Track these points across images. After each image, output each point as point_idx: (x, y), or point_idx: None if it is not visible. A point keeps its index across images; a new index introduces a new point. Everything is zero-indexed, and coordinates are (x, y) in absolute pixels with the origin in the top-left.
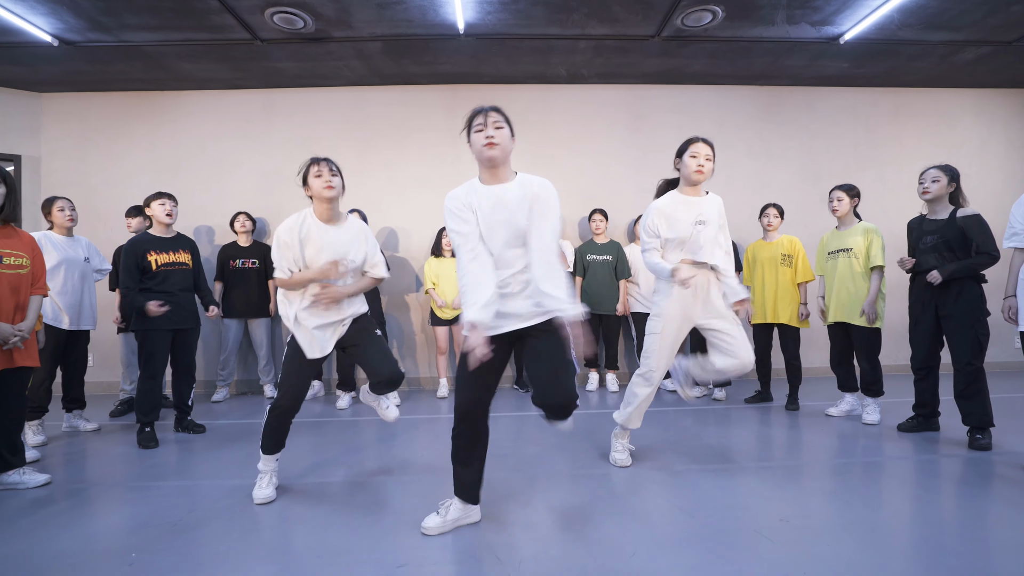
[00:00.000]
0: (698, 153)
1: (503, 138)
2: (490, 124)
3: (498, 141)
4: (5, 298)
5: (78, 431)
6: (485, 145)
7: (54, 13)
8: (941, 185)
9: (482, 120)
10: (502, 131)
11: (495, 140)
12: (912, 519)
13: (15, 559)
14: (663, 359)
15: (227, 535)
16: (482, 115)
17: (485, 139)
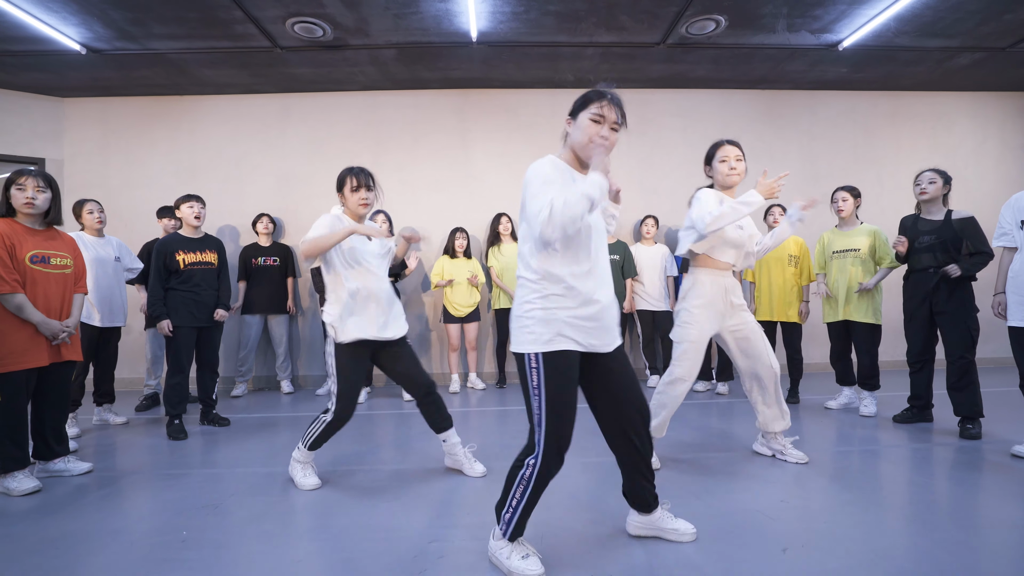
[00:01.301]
0: (728, 156)
1: (614, 143)
2: (610, 122)
3: (610, 144)
4: (53, 296)
5: (108, 424)
6: (597, 143)
7: (85, 24)
8: (937, 187)
9: (604, 113)
10: (615, 135)
11: (607, 143)
12: (905, 500)
13: (76, 536)
14: (697, 365)
15: (267, 516)
16: (605, 104)
17: (600, 137)
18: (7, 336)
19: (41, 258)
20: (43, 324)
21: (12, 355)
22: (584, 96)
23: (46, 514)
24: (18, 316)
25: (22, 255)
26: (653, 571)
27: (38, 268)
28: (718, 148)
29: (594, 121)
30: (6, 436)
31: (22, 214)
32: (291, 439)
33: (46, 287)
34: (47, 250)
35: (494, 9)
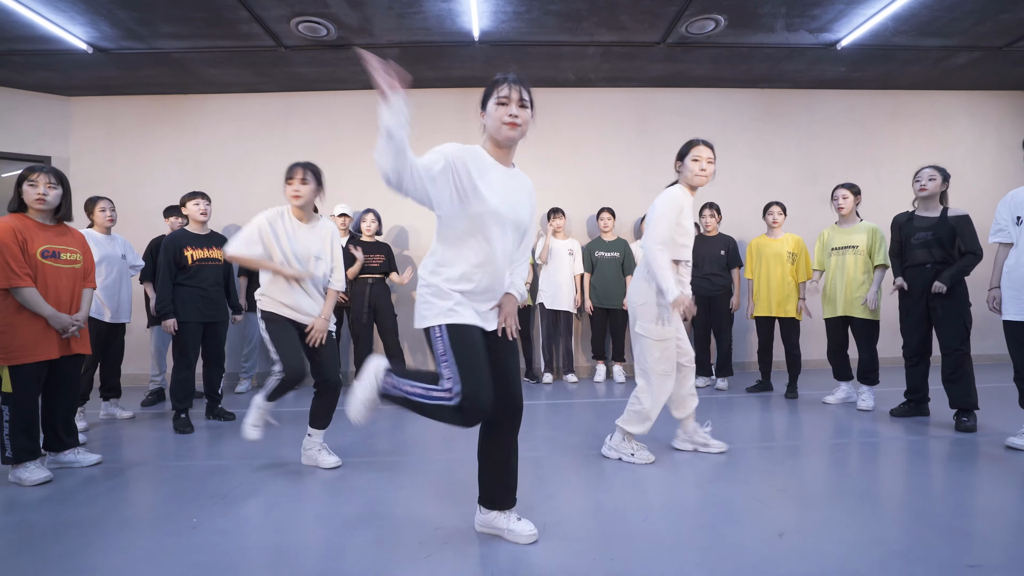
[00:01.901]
0: (700, 156)
1: (526, 119)
2: (516, 100)
3: (520, 122)
4: (64, 291)
5: (115, 418)
6: (507, 123)
7: (92, 23)
8: (936, 184)
9: (508, 93)
10: (526, 111)
11: (518, 120)
12: (900, 489)
13: (87, 523)
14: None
15: (274, 505)
16: (510, 86)
17: (508, 116)
18: (19, 329)
19: (52, 253)
20: (53, 317)
21: (24, 348)
22: (487, 87)
23: (57, 503)
24: (29, 309)
25: (33, 250)
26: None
27: (49, 263)
28: (692, 147)
29: (500, 104)
30: (18, 428)
31: (33, 210)
32: (295, 433)
33: (56, 281)
34: (57, 245)
35: (496, 9)
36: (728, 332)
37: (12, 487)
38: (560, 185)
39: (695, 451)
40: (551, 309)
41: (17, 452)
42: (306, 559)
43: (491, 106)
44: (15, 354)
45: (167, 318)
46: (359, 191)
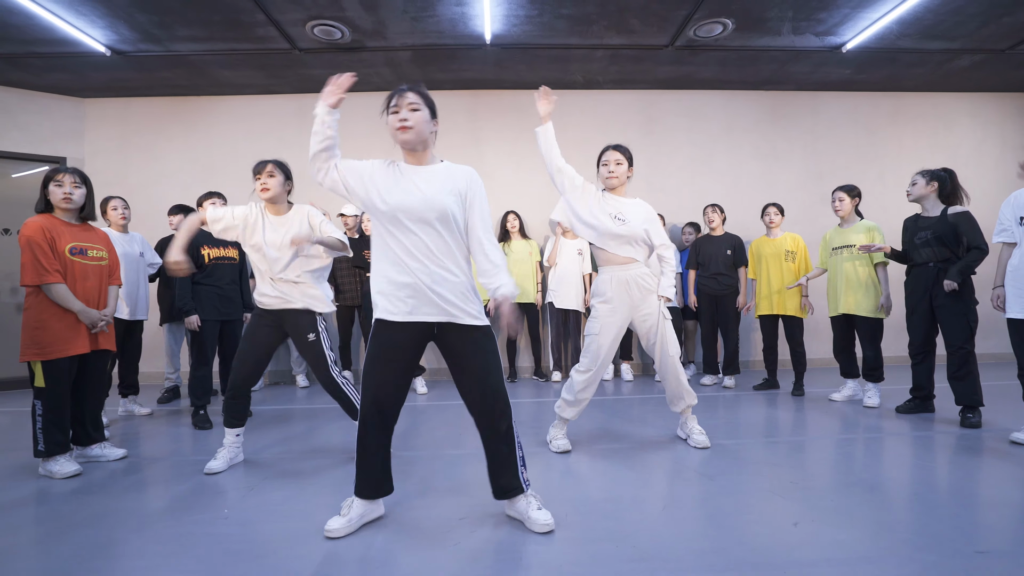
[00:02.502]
0: (608, 160)
1: (418, 120)
2: (404, 106)
3: (411, 124)
4: (91, 287)
5: (133, 415)
6: (398, 128)
7: (111, 26)
8: (919, 187)
9: (397, 101)
10: (417, 113)
11: (408, 123)
12: (908, 481)
13: (121, 514)
14: (600, 357)
15: (303, 495)
16: (397, 96)
17: (399, 122)
18: (51, 325)
19: (79, 250)
20: (83, 313)
21: (57, 343)
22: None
23: (88, 495)
24: (60, 305)
25: (62, 247)
26: (675, 538)
27: (77, 260)
28: (602, 153)
29: (392, 113)
30: (50, 422)
31: (60, 209)
32: (309, 430)
33: (84, 278)
34: (84, 243)
35: (508, 12)
36: (735, 331)
37: (43, 479)
38: None
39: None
40: (560, 308)
41: (49, 446)
42: (340, 547)
43: (388, 118)
44: (48, 349)
45: (189, 315)
46: None
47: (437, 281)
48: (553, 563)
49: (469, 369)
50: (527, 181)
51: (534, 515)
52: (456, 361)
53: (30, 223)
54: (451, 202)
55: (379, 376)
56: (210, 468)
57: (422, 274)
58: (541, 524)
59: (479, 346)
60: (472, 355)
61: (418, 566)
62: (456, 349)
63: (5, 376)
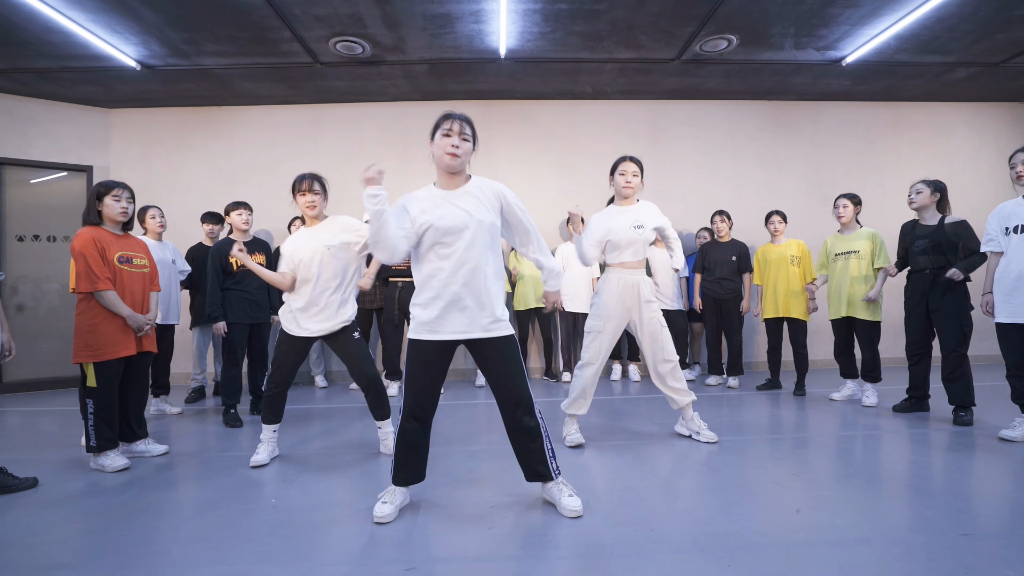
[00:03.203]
0: (626, 171)
1: (466, 150)
2: (457, 133)
3: (460, 153)
4: (137, 293)
5: (164, 414)
6: (448, 153)
7: (143, 43)
8: (924, 196)
9: (451, 126)
10: (467, 143)
11: (458, 151)
12: (903, 474)
13: (178, 503)
14: (601, 354)
15: (342, 486)
16: (453, 122)
17: (450, 147)
18: (104, 328)
19: (126, 259)
20: (131, 317)
21: (108, 345)
22: (436, 122)
23: (142, 486)
24: (110, 311)
25: (111, 256)
26: (688, 523)
27: (124, 268)
28: (619, 163)
29: (445, 135)
30: (101, 419)
31: (111, 221)
32: (336, 428)
33: (131, 284)
34: (129, 252)
35: (523, 29)
36: (738, 333)
37: (95, 473)
38: (577, 192)
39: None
40: (570, 311)
41: (100, 441)
42: (385, 530)
43: (437, 137)
44: (100, 351)
45: (217, 321)
46: None
47: (474, 297)
48: (580, 544)
49: (498, 374)
50: (538, 189)
51: (565, 501)
52: (486, 367)
53: (82, 235)
54: (488, 215)
55: (420, 383)
56: (256, 461)
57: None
58: (570, 510)
59: (504, 354)
60: (500, 362)
61: (458, 544)
62: (486, 358)
63: (30, 377)
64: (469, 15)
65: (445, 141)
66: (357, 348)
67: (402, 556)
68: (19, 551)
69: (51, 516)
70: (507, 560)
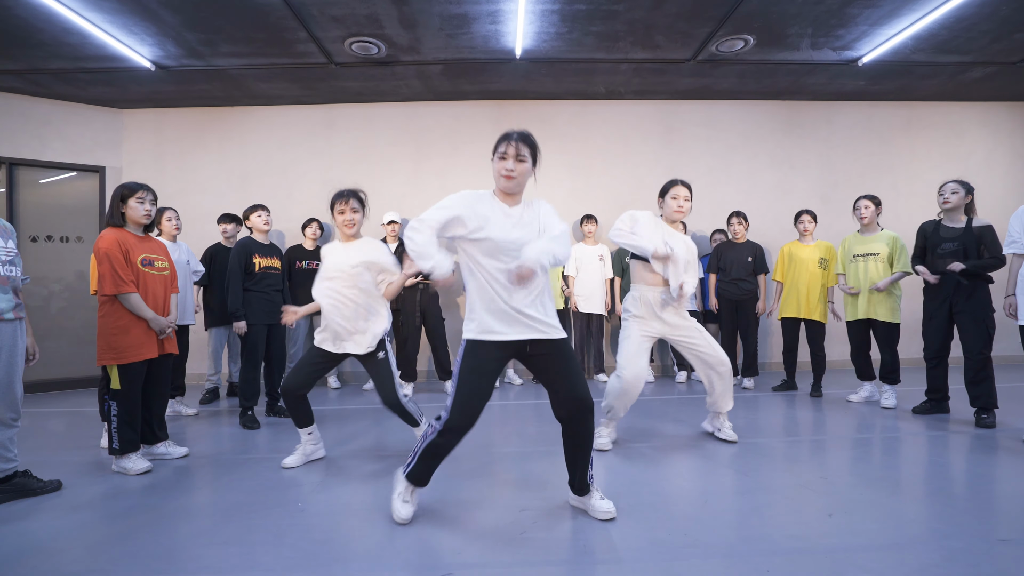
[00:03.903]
0: (678, 195)
1: (521, 172)
2: (512, 155)
3: (516, 175)
4: (159, 295)
5: (180, 415)
6: (504, 176)
7: (159, 44)
8: (959, 197)
9: (506, 149)
10: (523, 164)
11: (513, 174)
12: (930, 476)
13: (203, 507)
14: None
15: (371, 490)
16: (509, 144)
17: (505, 170)
18: (128, 331)
19: (148, 261)
20: (154, 320)
21: (132, 348)
22: (495, 142)
23: (165, 490)
24: (133, 313)
25: (134, 259)
26: (721, 526)
27: (147, 270)
28: (671, 186)
29: (500, 158)
30: (124, 422)
31: (134, 224)
32: (351, 430)
33: (154, 287)
34: (151, 254)
35: (540, 30)
36: (754, 334)
37: (117, 476)
38: (590, 192)
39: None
40: (583, 312)
41: (123, 444)
42: (419, 537)
43: (495, 159)
44: (124, 354)
45: (238, 320)
46: (399, 198)
47: (527, 304)
48: (614, 548)
49: (559, 375)
50: (550, 190)
51: (597, 504)
52: (546, 369)
53: (106, 237)
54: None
55: (472, 389)
56: (285, 463)
57: (515, 299)
58: (603, 512)
59: (565, 354)
60: (562, 362)
61: (491, 549)
62: (546, 360)
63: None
64: (486, 15)
65: (501, 164)
66: (380, 370)
67: (436, 562)
68: (48, 556)
69: (78, 520)
70: (543, 565)
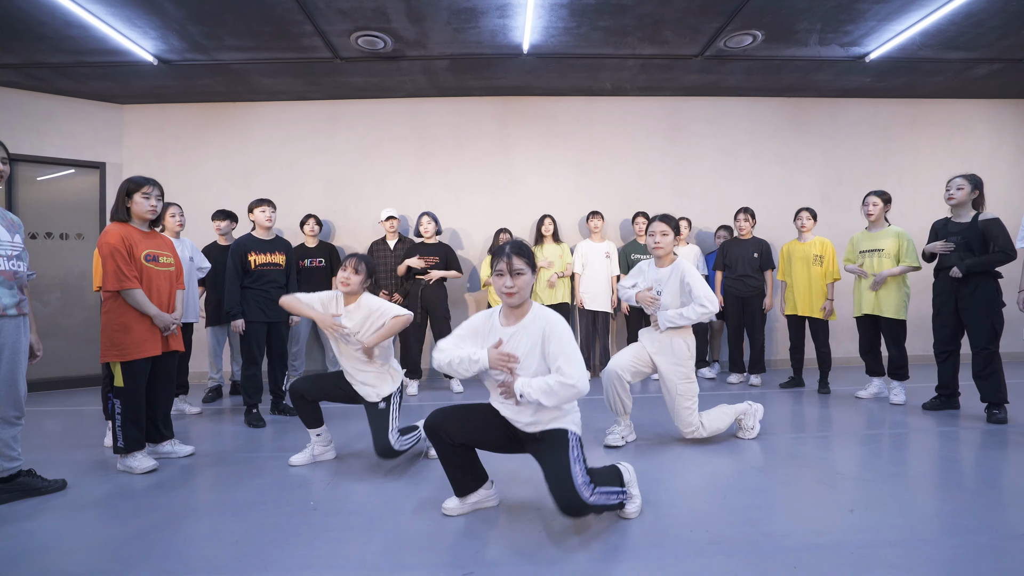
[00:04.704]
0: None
1: (521, 286)
2: (509, 272)
3: (515, 291)
4: (164, 291)
5: (184, 414)
6: (504, 294)
7: (162, 37)
8: (965, 192)
9: (502, 266)
10: (522, 278)
11: (513, 290)
12: (946, 472)
13: (212, 506)
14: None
15: (385, 491)
16: (502, 260)
17: (504, 288)
18: (131, 327)
19: (152, 257)
20: (158, 317)
21: (135, 344)
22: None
23: (172, 489)
24: (137, 310)
25: (138, 254)
26: (741, 522)
27: (151, 266)
28: (649, 223)
29: (498, 275)
30: (129, 420)
31: (139, 219)
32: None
33: (158, 283)
34: (156, 250)
35: (548, 25)
36: (760, 331)
37: (123, 475)
38: (596, 189)
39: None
40: (589, 309)
41: (128, 442)
42: (436, 535)
43: (493, 277)
44: (128, 351)
45: (236, 319)
46: (402, 196)
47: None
48: (638, 545)
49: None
50: (556, 187)
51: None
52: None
53: (110, 231)
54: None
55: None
56: (292, 461)
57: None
58: (627, 512)
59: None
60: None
61: (511, 547)
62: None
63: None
64: (495, 9)
65: (499, 282)
66: (376, 418)
67: (455, 560)
68: (57, 557)
69: (85, 519)
70: (565, 563)
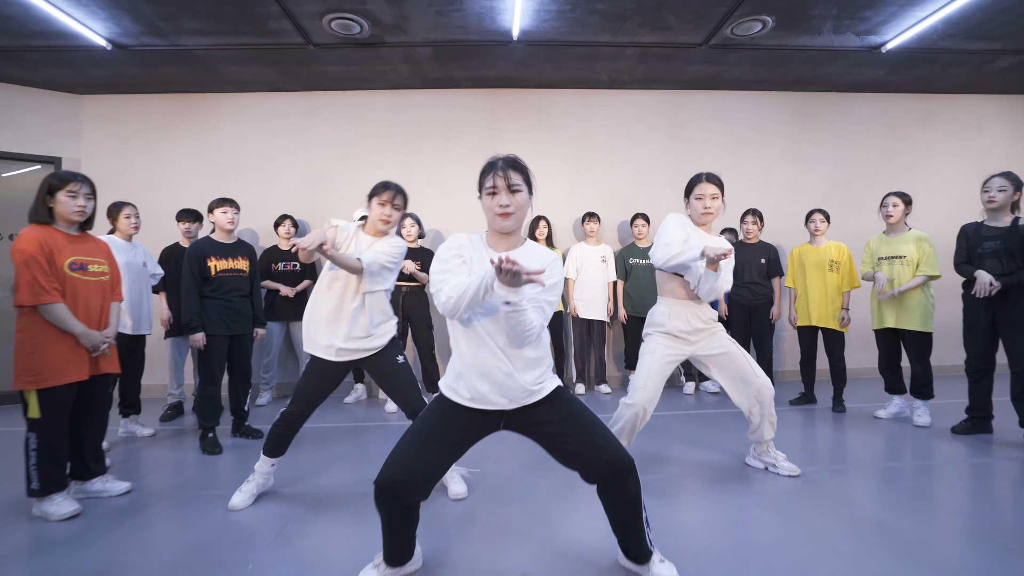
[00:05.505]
0: (704, 194)
1: (519, 204)
2: (502, 188)
3: (513, 210)
4: (93, 305)
5: (135, 436)
6: (499, 214)
7: (113, 18)
8: (1007, 195)
9: (494, 181)
10: (519, 195)
11: (510, 209)
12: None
13: (131, 569)
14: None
15: (342, 541)
16: (496, 175)
17: (499, 207)
18: (47, 349)
19: (79, 265)
20: (84, 335)
21: (52, 369)
22: (479, 175)
23: (90, 543)
24: (58, 327)
25: (61, 262)
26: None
27: (77, 276)
28: (696, 184)
29: (490, 194)
30: (45, 457)
31: (65, 221)
32: (325, 450)
33: (86, 295)
34: (85, 256)
35: (539, 7)
36: (769, 342)
37: (37, 522)
38: (592, 190)
39: (765, 469)
40: (584, 318)
41: (44, 484)
42: None
43: (484, 196)
44: (44, 376)
45: (195, 331)
46: None
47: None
48: None
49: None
50: (548, 186)
51: (656, 569)
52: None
53: (25, 236)
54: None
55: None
56: (234, 504)
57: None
58: None
59: (563, 412)
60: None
61: None
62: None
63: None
64: None
65: (493, 201)
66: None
67: None
68: None
69: None
70: None
